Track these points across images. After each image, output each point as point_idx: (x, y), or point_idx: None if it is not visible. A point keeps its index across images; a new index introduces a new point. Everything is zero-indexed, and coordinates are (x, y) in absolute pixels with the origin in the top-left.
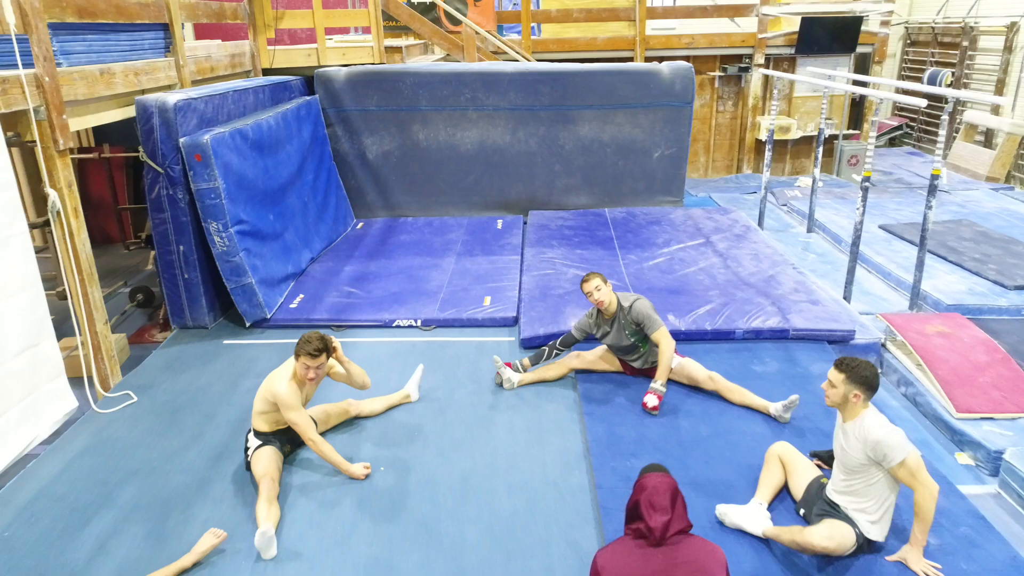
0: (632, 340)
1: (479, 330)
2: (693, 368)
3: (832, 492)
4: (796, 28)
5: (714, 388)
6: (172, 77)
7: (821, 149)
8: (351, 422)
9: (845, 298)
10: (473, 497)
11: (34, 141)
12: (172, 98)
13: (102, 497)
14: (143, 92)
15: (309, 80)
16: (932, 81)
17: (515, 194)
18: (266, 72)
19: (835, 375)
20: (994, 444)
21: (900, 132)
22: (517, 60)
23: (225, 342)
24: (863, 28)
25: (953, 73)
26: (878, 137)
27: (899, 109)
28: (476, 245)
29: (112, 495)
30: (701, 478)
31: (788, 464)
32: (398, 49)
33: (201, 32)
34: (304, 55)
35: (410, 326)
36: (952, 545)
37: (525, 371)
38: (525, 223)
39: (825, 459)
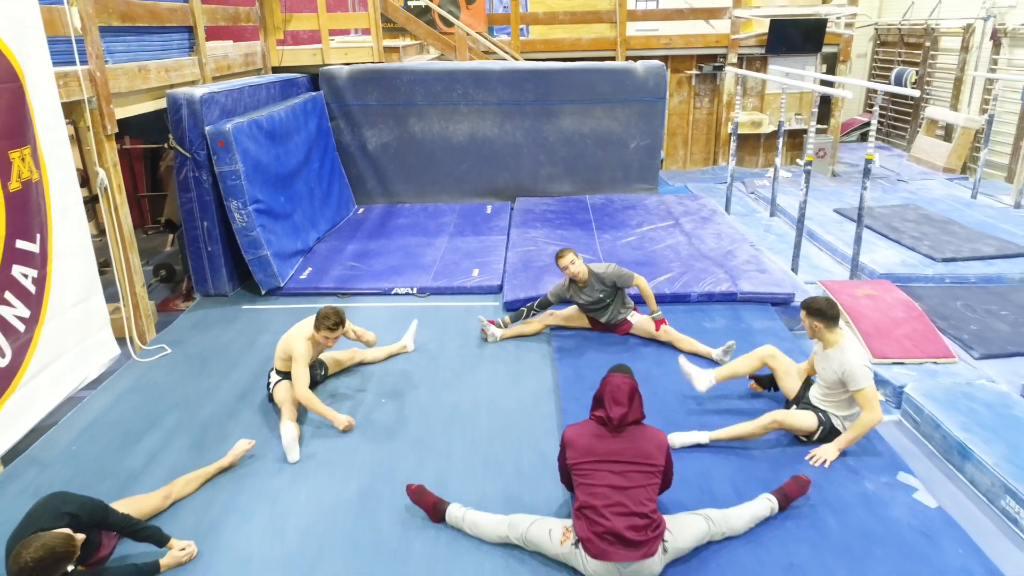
0: (602, 296)
1: (467, 296)
2: (649, 323)
3: (814, 399)
4: (766, 30)
5: (667, 339)
6: (196, 74)
7: (782, 141)
8: (357, 368)
9: (793, 269)
10: (459, 422)
11: (87, 127)
12: (198, 92)
13: (149, 423)
14: (171, 87)
15: (314, 77)
16: (898, 79)
17: (503, 182)
18: (275, 70)
19: (802, 314)
20: (900, 382)
21: (870, 128)
22: (506, 59)
23: (244, 307)
24: (829, 29)
25: (917, 71)
26: (850, 132)
27: (870, 106)
28: (467, 227)
29: (157, 421)
30: (649, 407)
31: (779, 368)
32: (396, 49)
33: (210, 34)
34: (310, 54)
35: (407, 293)
36: (849, 449)
37: (506, 327)
38: (512, 208)
39: (763, 383)
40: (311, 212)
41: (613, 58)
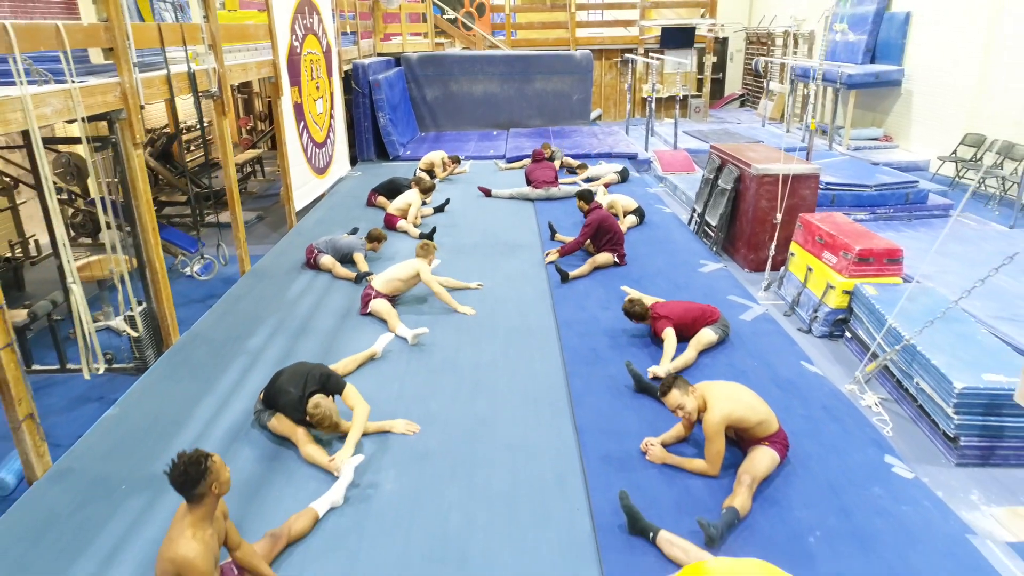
0: (552, 154)
1: (488, 160)
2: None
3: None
4: (659, 33)
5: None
6: (355, 54)
7: (653, 101)
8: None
9: (646, 148)
10: (487, 201)
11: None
12: (365, 61)
13: (367, 190)
14: (349, 60)
15: (397, 59)
16: (756, 67)
17: (502, 119)
18: (379, 54)
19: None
20: (668, 177)
21: (744, 97)
22: (503, 50)
23: (382, 164)
24: (697, 33)
25: (766, 60)
26: (731, 101)
27: (744, 84)
28: (484, 140)
29: (367, 188)
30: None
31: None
32: (441, 43)
33: None
34: (396, 46)
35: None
36: (645, 196)
37: (508, 165)
38: (507, 133)
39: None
40: (402, 128)
41: (569, 49)
